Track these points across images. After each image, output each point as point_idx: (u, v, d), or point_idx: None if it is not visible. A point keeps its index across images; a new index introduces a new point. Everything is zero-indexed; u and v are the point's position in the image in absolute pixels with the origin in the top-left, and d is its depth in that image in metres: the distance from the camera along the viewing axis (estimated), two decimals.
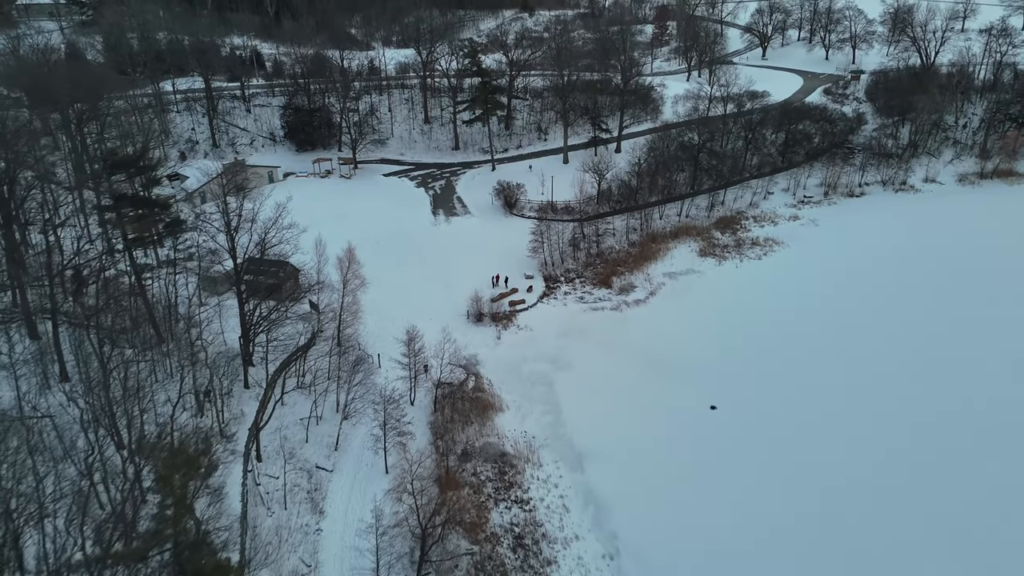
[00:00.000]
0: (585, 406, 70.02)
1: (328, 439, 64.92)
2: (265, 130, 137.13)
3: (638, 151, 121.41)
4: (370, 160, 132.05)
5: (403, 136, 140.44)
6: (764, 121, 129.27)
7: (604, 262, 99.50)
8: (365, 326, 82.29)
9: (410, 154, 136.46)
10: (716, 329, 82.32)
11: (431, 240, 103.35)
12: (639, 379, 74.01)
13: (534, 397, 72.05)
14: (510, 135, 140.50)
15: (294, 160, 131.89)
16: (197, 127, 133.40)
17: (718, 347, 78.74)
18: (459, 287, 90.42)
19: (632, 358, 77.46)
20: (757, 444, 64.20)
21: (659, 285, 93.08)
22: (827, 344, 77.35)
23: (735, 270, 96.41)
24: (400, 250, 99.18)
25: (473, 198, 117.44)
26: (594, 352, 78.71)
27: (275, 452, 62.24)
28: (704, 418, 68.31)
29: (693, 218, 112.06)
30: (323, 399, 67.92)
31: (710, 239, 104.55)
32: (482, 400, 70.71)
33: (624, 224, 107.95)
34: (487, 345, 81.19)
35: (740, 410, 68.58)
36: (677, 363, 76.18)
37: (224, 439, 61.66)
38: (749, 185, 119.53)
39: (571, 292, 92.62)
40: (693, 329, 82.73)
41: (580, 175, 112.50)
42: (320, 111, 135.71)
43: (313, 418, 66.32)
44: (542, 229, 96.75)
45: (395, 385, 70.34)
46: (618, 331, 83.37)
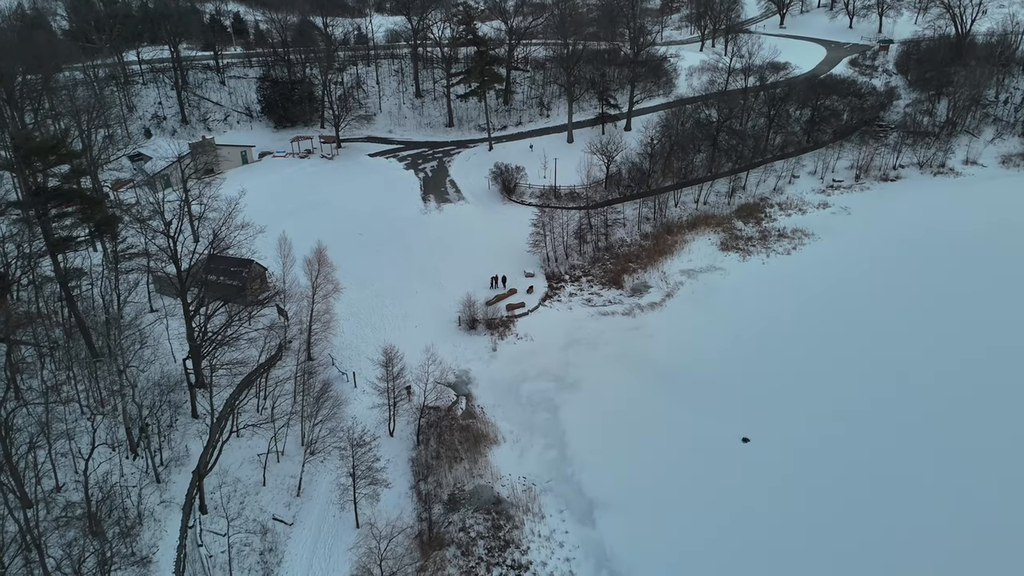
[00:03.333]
0: (595, 438, 60.02)
1: (290, 481, 54.52)
2: (240, 105, 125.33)
3: (650, 129, 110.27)
4: (355, 138, 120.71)
5: (392, 112, 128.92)
6: (788, 96, 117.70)
7: (614, 257, 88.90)
8: (340, 337, 72.20)
9: (399, 132, 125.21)
10: (744, 339, 72.28)
11: (420, 231, 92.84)
12: (657, 402, 64.08)
13: (535, 426, 61.87)
14: (509, 111, 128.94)
15: (272, 138, 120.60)
16: (165, 101, 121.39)
17: (747, 361, 68.77)
18: (451, 288, 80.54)
19: (648, 375, 67.55)
20: (800, 489, 53.77)
21: (676, 285, 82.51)
22: (877, 358, 66.91)
23: (761, 267, 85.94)
24: (385, 243, 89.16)
25: (468, 182, 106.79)
26: (605, 367, 68.84)
27: (224, 500, 51.76)
28: (736, 454, 58.10)
29: (712, 205, 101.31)
30: (287, 430, 57.25)
31: (732, 230, 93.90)
32: (474, 430, 60.47)
33: (635, 212, 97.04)
34: (481, 359, 70.92)
35: (777, 444, 58.44)
36: (700, 381, 66.32)
37: (159, 487, 50.99)
38: (773, 168, 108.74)
39: (577, 293, 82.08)
40: (717, 339, 72.63)
41: (586, 156, 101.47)
42: (301, 84, 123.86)
43: (273, 454, 55.74)
44: (544, 220, 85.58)
45: (371, 413, 59.73)
46: (632, 341, 73.17)
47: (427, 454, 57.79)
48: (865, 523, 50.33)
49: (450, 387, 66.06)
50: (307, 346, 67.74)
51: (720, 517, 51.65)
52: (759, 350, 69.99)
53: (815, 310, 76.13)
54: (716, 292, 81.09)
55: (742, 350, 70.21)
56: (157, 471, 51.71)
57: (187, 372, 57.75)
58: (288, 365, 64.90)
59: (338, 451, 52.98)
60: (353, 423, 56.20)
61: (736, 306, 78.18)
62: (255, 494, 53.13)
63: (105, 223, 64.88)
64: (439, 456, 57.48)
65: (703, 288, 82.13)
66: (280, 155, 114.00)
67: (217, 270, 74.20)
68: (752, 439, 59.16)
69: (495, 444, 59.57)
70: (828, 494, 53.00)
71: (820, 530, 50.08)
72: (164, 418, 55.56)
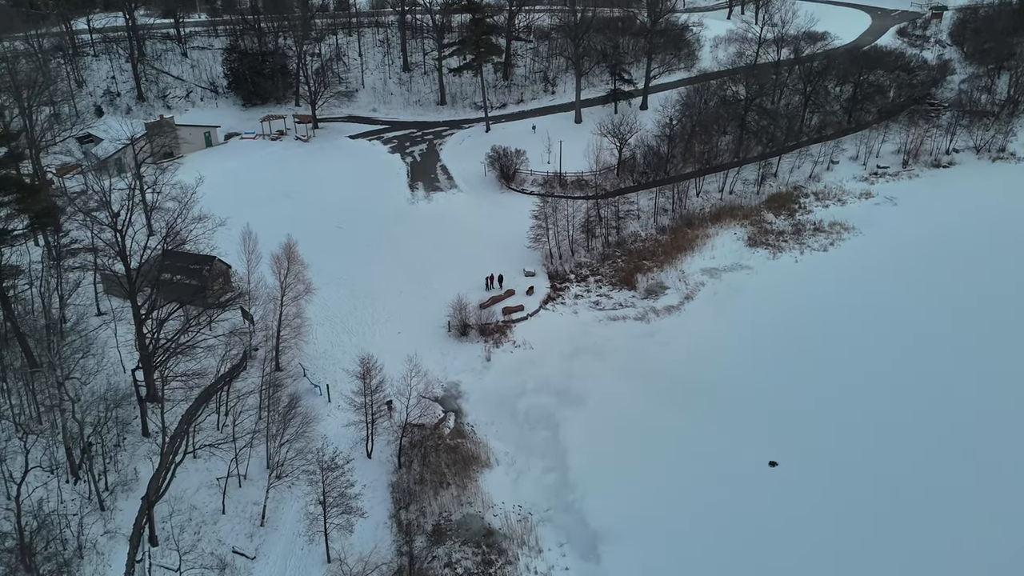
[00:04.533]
0: (601, 461, 59.48)
1: (253, 509, 54.32)
2: (205, 80, 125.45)
3: (669, 108, 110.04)
4: (334, 118, 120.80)
5: (376, 87, 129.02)
6: (827, 70, 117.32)
7: (626, 254, 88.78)
8: (313, 344, 72.10)
9: (384, 110, 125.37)
10: (772, 348, 71.86)
11: (406, 223, 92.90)
12: (672, 419, 63.55)
13: (533, 446, 61.64)
14: (509, 87, 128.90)
15: (240, 118, 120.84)
16: (119, 75, 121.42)
17: (776, 373, 68.19)
18: (440, 288, 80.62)
19: (662, 388, 67.12)
20: (834, 520, 53.25)
21: (697, 285, 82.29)
22: (926, 373, 66.26)
23: (794, 265, 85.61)
24: (366, 237, 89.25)
25: (461, 167, 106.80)
26: (613, 380, 68.38)
27: (177, 529, 51.56)
28: (762, 479, 57.58)
29: (739, 195, 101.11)
30: (249, 451, 57.04)
31: (761, 223, 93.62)
32: (463, 451, 60.29)
33: (651, 203, 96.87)
34: (473, 369, 70.80)
35: (809, 469, 57.88)
36: (722, 396, 65.86)
37: (103, 516, 50.77)
38: (809, 152, 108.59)
39: (583, 295, 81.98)
40: (742, 347, 72.21)
41: (596, 139, 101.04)
42: (273, 55, 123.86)
43: (234, 478, 55.53)
44: (547, 211, 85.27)
45: (346, 432, 59.57)
46: (644, 350, 72.91)
47: (409, 479, 57.54)
48: (908, 559, 49.80)
49: (437, 402, 65.86)
50: (275, 355, 67.51)
51: (743, 551, 51.20)
52: (789, 361, 69.47)
53: (855, 315, 75.52)
54: (741, 294, 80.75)
55: (770, 360, 69.76)
56: (101, 497, 51.47)
57: (136, 384, 57.46)
58: (253, 376, 64.72)
59: (307, 475, 52.57)
60: (324, 443, 55.78)
61: (764, 310, 77.79)
62: (213, 523, 52.88)
63: (45, 214, 64.72)
64: (423, 481, 57.22)
65: (727, 289, 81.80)
66: (248, 137, 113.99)
67: (174, 268, 74.06)
68: (780, 463, 58.63)
69: (487, 467, 59.28)
70: (865, 527, 52.46)
71: (857, 567, 49.56)
72: (110, 437, 55.38)
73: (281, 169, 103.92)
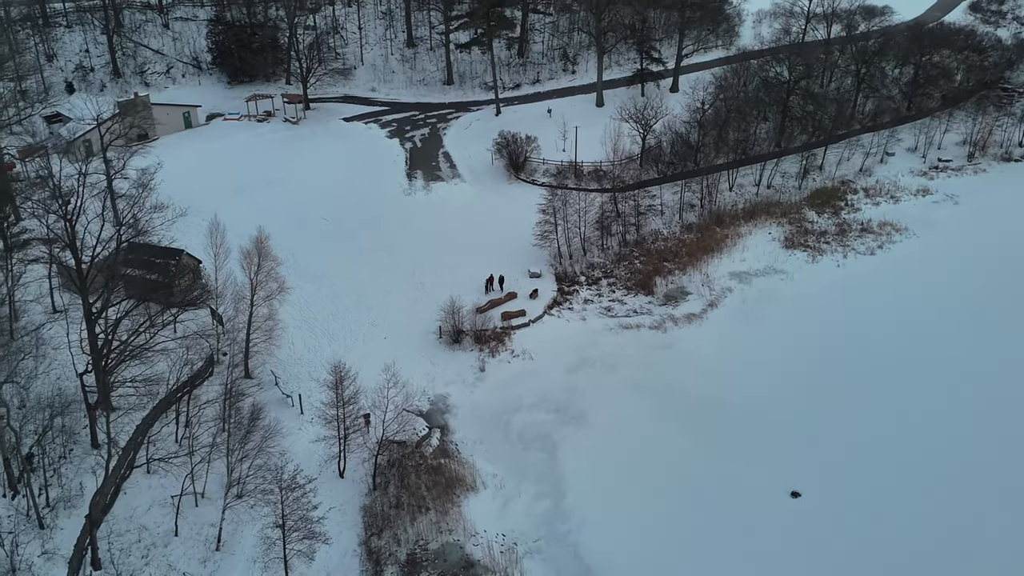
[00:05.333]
0: (601, 487, 59.14)
1: (209, 531, 54.65)
2: (187, 55, 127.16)
3: (702, 91, 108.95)
4: (328, 98, 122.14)
5: (376, 65, 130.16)
6: (884, 50, 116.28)
7: (645, 254, 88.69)
8: (289, 349, 72.86)
9: (384, 90, 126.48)
10: (804, 365, 71.16)
11: (401, 216, 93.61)
12: (684, 442, 63.14)
13: (525, 469, 61.46)
14: (524, 65, 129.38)
15: (224, 96, 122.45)
16: (93, 48, 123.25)
17: (806, 395, 67.50)
18: (434, 289, 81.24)
19: (676, 407, 66.73)
20: (863, 559, 52.42)
21: (723, 291, 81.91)
22: (981, 404, 64.97)
23: (835, 270, 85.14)
24: (355, 231, 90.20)
25: (466, 154, 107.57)
26: (621, 396, 68.17)
27: (123, 552, 52.02)
28: (783, 512, 56.91)
29: (778, 189, 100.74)
30: (207, 467, 57.42)
31: (801, 222, 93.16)
32: (446, 472, 60.26)
33: (677, 197, 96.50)
34: (464, 381, 70.98)
35: (836, 502, 57.06)
36: (743, 417, 65.34)
37: (42, 535, 51.37)
38: (859, 142, 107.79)
39: (594, 299, 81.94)
40: (770, 363, 71.69)
41: (615, 125, 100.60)
42: (262, 28, 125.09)
43: (190, 496, 55.94)
44: (556, 204, 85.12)
45: (316, 448, 59.81)
46: (658, 363, 72.60)
47: (384, 502, 57.58)
48: None
49: (421, 416, 65.97)
50: (244, 360, 68.01)
51: None
52: (823, 380, 68.73)
53: (902, 330, 74.73)
54: (773, 302, 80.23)
55: (801, 379, 69.06)
56: (40, 514, 52.06)
57: (85, 390, 58.09)
58: (220, 384, 65.00)
59: (264, 495, 52.78)
60: (283, 459, 56.02)
61: (798, 321, 77.31)
62: (164, 546, 53.27)
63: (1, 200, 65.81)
64: (399, 504, 57.23)
65: (757, 296, 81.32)
66: (232, 118, 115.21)
67: (138, 262, 75.26)
68: (804, 494, 57.96)
69: (472, 491, 59.16)
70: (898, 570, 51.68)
71: None
72: (54, 447, 55.99)
73: (266, 154, 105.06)
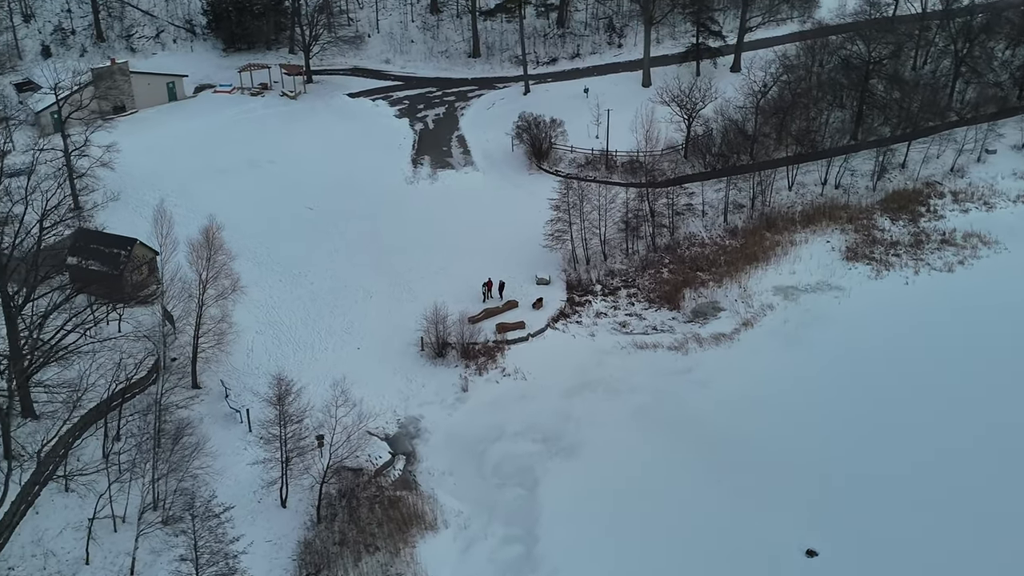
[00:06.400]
0: (584, 532, 58.69)
1: (125, 560, 55.69)
2: (179, 17, 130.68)
3: (768, 71, 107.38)
4: (335, 70, 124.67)
5: (393, 33, 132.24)
6: (992, 26, 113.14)
7: (677, 261, 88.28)
8: (249, 356, 74.50)
9: (400, 62, 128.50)
10: (850, 402, 69.15)
11: (400, 208, 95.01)
12: (691, 483, 62.57)
13: (497, 507, 61.57)
14: (563, 36, 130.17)
15: (219, 65, 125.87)
16: (75, 8, 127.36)
17: (847, 437, 65.73)
18: (425, 293, 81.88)
19: (688, 443, 65.95)
20: None
21: (763, 309, 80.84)
22: None
23: (902, 288, 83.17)
24: (344, 223, 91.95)
25: (483, 138, 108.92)
26: (623, 427, 67.84)
27: None
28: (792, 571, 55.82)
29: (847, 189, 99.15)
30: (128, 488, 58.80)
31: (869, 229, 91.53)
32: (404, 506, 60.60)
33: (722, 195, 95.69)
34: (443, 401, 71.60)
35: (860, 567, 55.50)
36: (765, 458, 64.14)
37: None
38: (952, 137, 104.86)
39: (608, 313, 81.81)
40: (807, 397, 70.14)
41: (649, 108, 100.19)
42: None
43: (108, 520, 57.18)
44: (571, 199, 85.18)
45: (255, 471, 60.58)
46: (674, 389, 71.88)
47: (329, 537, 58.06)
48: None
49: (385, 440, 66.39)
50: (191, 368, 69.34)
51: None
52: (870, 425, 66.60)
53: (979, 369, 71.94)
54: (822, 323, 78.59)
55: (843, 421, 67.21)
56: None
57: None
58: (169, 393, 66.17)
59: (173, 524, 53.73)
60: (216, 483, 56.99)
61: (848, 348, 75.42)
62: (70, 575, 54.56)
63: None
64: (344, 542, 57.65)
65: (803, 316, 79.82)
66: (224, 90, 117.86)
67: (87, 251, 77.46)
68: (821, 553, 56.83)
69: (431, 530, 59.35)
70: None
71: None
72: None
73: (254, 132, 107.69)
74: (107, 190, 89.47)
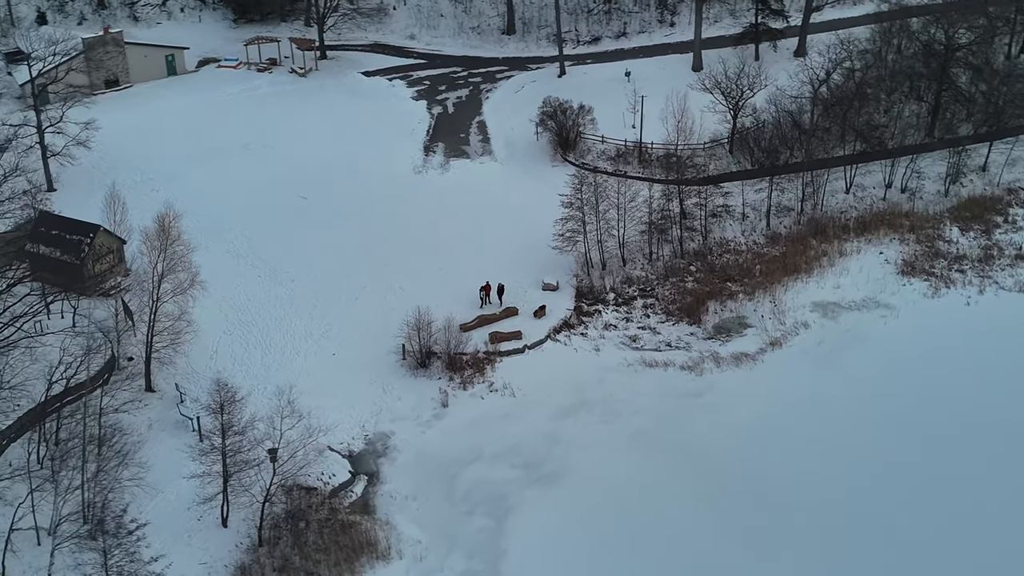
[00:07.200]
0: (556, 572, 58.64)
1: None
2: None
3: (835, 56, 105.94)
4: (353, 45, 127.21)
5: (420, 5, 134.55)
6: None
7: (705, 269, 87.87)
8: (213, 359, 75.43)
9: (426, 38, 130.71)
10: (887, 439, 67.10)
11: (403, 200, 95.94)
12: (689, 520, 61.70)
13: (461, 538, 61.59)
14: (609, 13, 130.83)
15: (227, 38, 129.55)
16: None
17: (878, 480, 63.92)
18: (416, 295, 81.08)
19: (690, 477, 65.11)
20: None
21: (796, 327, 79.65)
22: None
23: (962, 309, 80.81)
24: (339, 215, 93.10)
25: (507, 126, 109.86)
26: (617, 454, 67.40)
27: None
28: None
29: (915, 194, 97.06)
30: (62, 497, 59.86)
31: (934, 240, 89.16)
32: (357, 532, 60.89)
33: (763, 197, 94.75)
34: (419, 417, 72.00)
35: None
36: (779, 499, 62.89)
37: None
38: None
39: (618, 325, 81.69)
40: (836, 430, 68.27)
41: (683, 96, 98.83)
42: None
43: (31, 532, 58.47)
44: (585, 195, 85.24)
45: (192, 487, 61.25)
46: (681, 414, 71.23)
47: (268, 563, 58.58)
48: None
49: (348, 458, 66.82)
50: (145, 369, 70.64)
51: None
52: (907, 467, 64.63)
53: None
54: (862, 346, 76.75)
55: (876, 460, 65.37)
56: None
57: None
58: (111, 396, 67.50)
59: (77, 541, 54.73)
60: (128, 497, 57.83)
61: (891, 375, 73.27)
62: None
63: None
64: (285, 568, 58.19)
65: (841, 337, 78.14)
66: (228, 65, 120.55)
67: (47, 237, 79.52)
68: None
69: (383, 560, 59.47)
70: None
71: None
72: None
73: (254, 112, 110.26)
74: (84, 171, 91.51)
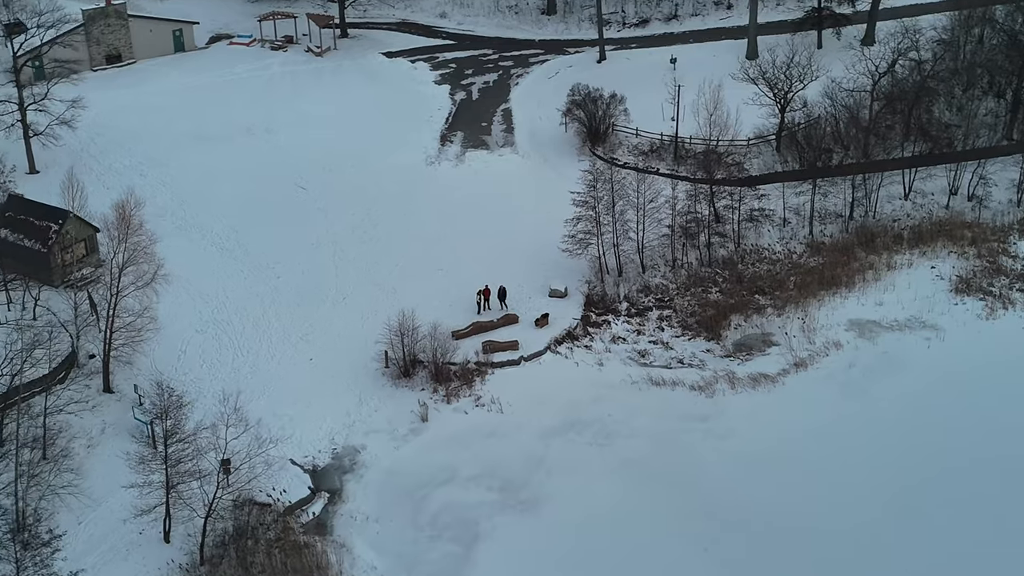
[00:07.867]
0: None
1: None
2: None
3: (905, 45, 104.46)
4: (377, 23, 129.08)
5: None
6: None
7: (733, 280, 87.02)
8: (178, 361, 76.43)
9: (458, 17, 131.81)
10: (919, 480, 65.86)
11: (410, 194, 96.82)
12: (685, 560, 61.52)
13: (422, 566, 61.72)
14: None
15: (242, 12, 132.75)
16: None
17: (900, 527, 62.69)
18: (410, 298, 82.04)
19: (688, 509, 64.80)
20: None
21: (826, 347, 78.75)
22: None
23: (1018, 334, 78.69)
24: (340, 208, 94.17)
25: (534, 115, 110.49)
26: (606, 480, 67.37)
27: None
28: None
29: (982, 202, 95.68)
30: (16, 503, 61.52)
31: (996, 255, 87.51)
32: (309, 555, 61.20)
33: (806, 201, 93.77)
34: (394, 432, 72.17)
35: None
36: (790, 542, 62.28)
37: None
38: None
39: (628, 338, 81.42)
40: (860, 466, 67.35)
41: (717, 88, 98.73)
42: None
43: None
44: (599, 194, 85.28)
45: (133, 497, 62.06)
46: (683, 440, 70.80)
47: None
48: None
49: (310, 473, 67.11)
50: (104, 368, 71.78)
51: None
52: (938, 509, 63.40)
53: None
54: (899, 371, 75.43)
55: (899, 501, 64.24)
56: None
57: None
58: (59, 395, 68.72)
59: None
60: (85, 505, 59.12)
61: (928, 406, 72.16)
62: None
63: None
64: None
65: (876, 360, 76.91)
66: (241, 42, 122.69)
67: (14, 222, 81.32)
68: None
69: None
70: None
71: None
72: None
73: (264, 93, 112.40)
74: (71, 152, 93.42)
